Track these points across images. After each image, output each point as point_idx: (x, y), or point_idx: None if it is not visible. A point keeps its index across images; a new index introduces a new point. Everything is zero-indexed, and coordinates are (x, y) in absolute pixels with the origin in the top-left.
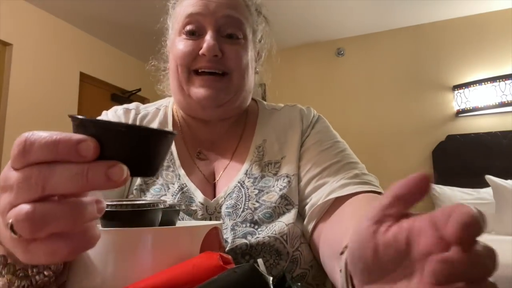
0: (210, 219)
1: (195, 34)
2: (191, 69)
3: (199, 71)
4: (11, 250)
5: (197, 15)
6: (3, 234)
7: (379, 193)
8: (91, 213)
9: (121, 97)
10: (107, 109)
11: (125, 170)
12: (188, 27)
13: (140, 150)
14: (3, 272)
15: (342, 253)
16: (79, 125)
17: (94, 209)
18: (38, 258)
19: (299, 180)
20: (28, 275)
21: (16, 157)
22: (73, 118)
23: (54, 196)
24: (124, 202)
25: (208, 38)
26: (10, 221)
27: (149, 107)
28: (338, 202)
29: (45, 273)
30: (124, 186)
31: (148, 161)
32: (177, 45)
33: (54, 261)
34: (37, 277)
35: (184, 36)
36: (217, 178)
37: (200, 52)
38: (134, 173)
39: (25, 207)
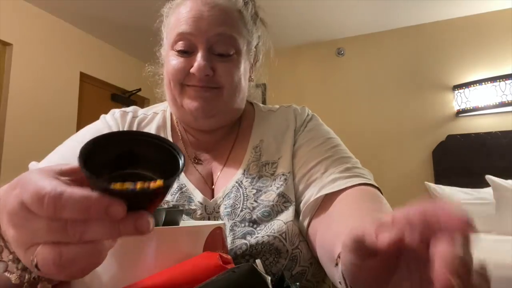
0: (209, 219)
1: (187, 52)
2: (183, 84)
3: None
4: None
5: (188, 34)
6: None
7: (370, 185)
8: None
9: (121, 97)
10: (107, 109)
11: (151, 222)
12: (180, 47)
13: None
14: (18, 267)
15: (336, 264)
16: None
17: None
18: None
19: (293, 177)
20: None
21: (45, 213)
22: (89, 176)
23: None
24: None
25: (199, 58)
26: (35, 260)
27: (147, 111)
28: (329, 197)
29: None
30: None
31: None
32: (170, 60)
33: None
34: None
35: (176, 53)
36: (215, 179)
37: (191, 71)
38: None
39: (52, 253)
